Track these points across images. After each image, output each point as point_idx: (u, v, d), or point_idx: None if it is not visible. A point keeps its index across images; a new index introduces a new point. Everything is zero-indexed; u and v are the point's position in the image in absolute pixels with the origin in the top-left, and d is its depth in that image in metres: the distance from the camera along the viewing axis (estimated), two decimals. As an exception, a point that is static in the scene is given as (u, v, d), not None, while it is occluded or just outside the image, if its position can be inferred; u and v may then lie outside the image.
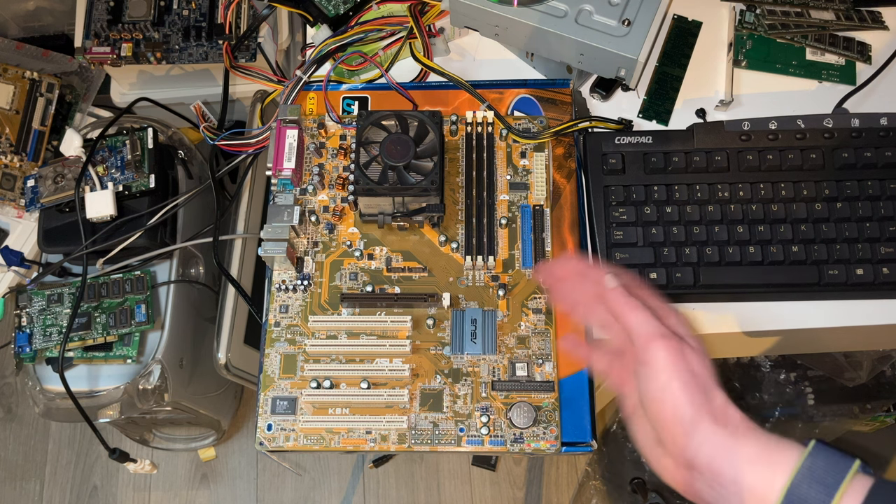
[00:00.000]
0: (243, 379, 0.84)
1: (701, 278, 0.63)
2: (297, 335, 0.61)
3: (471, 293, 0.62)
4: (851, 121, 0.66)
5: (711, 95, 0.72)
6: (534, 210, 0.64)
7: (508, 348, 0.60)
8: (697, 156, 0.66)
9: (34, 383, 0.82)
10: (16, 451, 1.33)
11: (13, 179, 0.86)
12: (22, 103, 0.87)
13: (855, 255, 0.63)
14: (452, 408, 0.58)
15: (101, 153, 0.80)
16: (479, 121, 0.67)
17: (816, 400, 1.04)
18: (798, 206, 0.64)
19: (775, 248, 0.63)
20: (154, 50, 0.85)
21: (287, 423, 0.59)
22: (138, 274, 0.79)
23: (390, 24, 0.71)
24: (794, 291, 0.64)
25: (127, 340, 0.80)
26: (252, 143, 0.70)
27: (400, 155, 0.60)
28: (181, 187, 0.84)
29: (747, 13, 0.73)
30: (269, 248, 0.60)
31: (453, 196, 0.65)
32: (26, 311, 0.78)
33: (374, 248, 0.63)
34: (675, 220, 0.64)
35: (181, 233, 0.85)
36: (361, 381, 0.58)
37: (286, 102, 0.68)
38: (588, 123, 0.68)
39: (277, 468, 1.30)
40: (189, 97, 0.84)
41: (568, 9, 0.64)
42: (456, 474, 1.29)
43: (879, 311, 0.64)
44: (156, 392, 0.82)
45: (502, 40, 0.70)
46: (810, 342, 0.74)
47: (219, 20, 0.85)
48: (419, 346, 0.60)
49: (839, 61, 0.72)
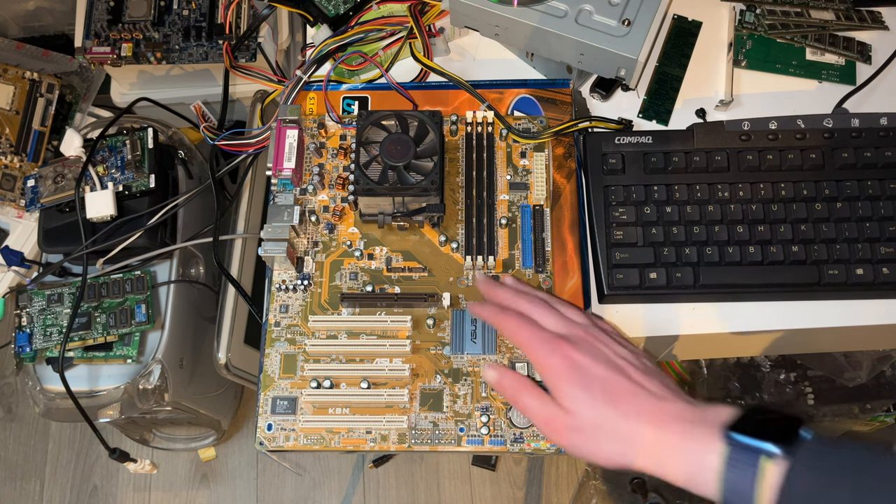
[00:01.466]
0: (243, 379, 0.84)
1: (701, 278, 0.63)
2: (297, 335, 0.61)
3: (471, 293, 0.62)
4: (851, 121, 0.66)
5: (711, 95, 0.72)
6: (534, 210, 0.64)
7: (508, 348, 0.60)
8: (697, 156, 0.66)
9: (34, 383, 0.82)
10: (16, 451, 1.33)
11: (13, 180, 0.86)
12: (22, 104, 0.87)
13: (855, 255, 0.63)
14: (452, 408, 0.58)
15: (102, 153, 0.80)
16: (479, 121, 0.67)
17: (816, 400, 1.04)
18: (798, 206, 0.64)
19: (775, 248, 0.63)
20: (154, 50, 0.85)
21: (287, 422, 0.59)
22: (138, 274, 0.79)
23: (390, 24, 0.71)
24: (794, 291, 0.64)
25: (127, 340, 0.80)
26: (252, 143, 0.70)
27: (400, 155, 0.60)
28: (181, 187, 0.84)
29: (747, 13, 0.73)
30: (269, 248, 0.60)
31: (453, 196, 0.65)
32: (26, 311, 0.78)
33: (374, 248, 0.64)
34: (675, 220, 0.64)
35: (181, 233, 0.85)
36: (361, 381, 0.59)
37: (286, 102, 0.68)
38: (588, 123, 0.68)
39: (277, 468, 1.30)
40: (189, 97, 0.84)
41: (568, 9, 0.64)
42: (456, 474, 1.30)
43: (879, 311, 0.64)
44: (156, 392, 0.82)
45: (502, 40, 0.70)
46: (810, 342, 0.74)
47: (219, 20, 0.85)
48: (419, 345, 0.60)
49: (839, 61, 0.72)
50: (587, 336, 0.51)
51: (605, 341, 0.51)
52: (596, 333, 0.51)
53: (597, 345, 0.50)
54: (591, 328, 0.52)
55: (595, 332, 0.51)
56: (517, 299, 0.54)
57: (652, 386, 0.48)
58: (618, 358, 0.49)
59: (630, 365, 0.49)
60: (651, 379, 0.49)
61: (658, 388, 0.48)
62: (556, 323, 0.52)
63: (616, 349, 0.50)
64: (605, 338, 0.51)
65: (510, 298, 0.55)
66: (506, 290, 0.56)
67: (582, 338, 0.50)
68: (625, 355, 0.50)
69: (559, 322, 0.52)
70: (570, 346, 0.49)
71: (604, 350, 0.50)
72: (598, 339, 0.51)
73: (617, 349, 0.50)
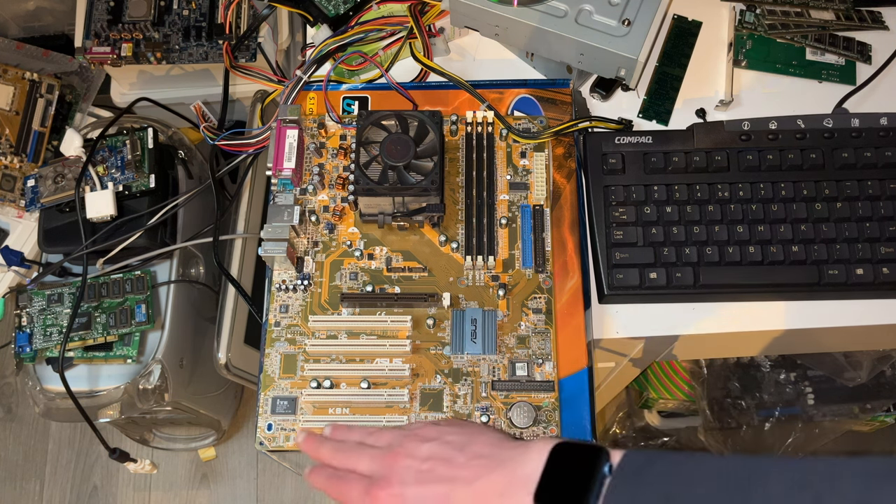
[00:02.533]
0: (243, 379, 0.84)
1: (701, 278, 0.63)
2: (297, 335, 0.61)
3: (471, 293, 0.62)
4: (851, 121, 0.66)
5: (711, 95, 0.72)
6: (534, 210, 0.64)
7: (508, 348, 0.60)
8: (697, 156, 0.66)
9: (34, 383, 0.82)
10: (16, 451, 1.33)
11: (13, 181, 0.86)
12: (22, 104, 0.87)
13: (855, 255, 0.63)
14: (452, 408, 0.58)
15: (102, 153, 0.80)
16: (479, 121, 0.67)
17: (816, 400, 1.04)
18: (798, 206, 0.64)
19: (775, 248, 0.63)
20: (154, 50, 0.85)
21: (287, 422, 0.59)
22: (138, 274, 0.79)
23: (390, 24, 0.71)
24: (794, 291, 0.64)
25: (127, 340, 0.80)
26: (252, 143, 0.70)
27: (400, 155, 0.60)
28: (181, 187, 0.84)
29: (747, 13, 0.73)
30: (269, 248, 0.60)
31: (453, 196, 0.65)
32: (26, 311, 0.78)
33: (374, 247, 0.64)
34: (675, 220, 0.64)
35: (181, 233, 0.85)
36: (361, 381, 0.59)
37: (286, 102, 0.68)
38: (588, 123, 0.68)
39: (277, 468, 1.30)
40: (189, 97, 0.84)
41: (568, 9, 0.64)
42: (456, 474, 1.29)
43: (879, 311, 0.64)
44: (156, 392, 0.82)
45: (502, 40, 0.70)
46: (810, 342, 0.74)
47: (219, 20, 0.85)
48: (419, 345, 0.60)
49: (839, 61, 0.72)
50: (392, 459, 0.50)
51: (410, 451, 0.51)
52: (399, 448, 0.51)
53: (400, 462, 0.50)
54: (394, 445, 0.52)
55: (399, 447, 0.51)
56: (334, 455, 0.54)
57: (465, 470, 0.48)
58: (425, 463, 0.50)
59: (439, 461, 0.49)
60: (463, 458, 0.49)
61: (471, 468, 0.48)
62: (367, 462, 0.52)
63: (420, 450, 0.50)
64: (409, 446, 0.51)
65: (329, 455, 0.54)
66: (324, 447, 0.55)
67: (388, 466, 0.50)
68: (431, 450, 0.50)
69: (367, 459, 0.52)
70: (378, 489, 0.49)
71: (408, 463, 0.50)
72: (402, 455, 0.50)
73: (421, 449, 0.50)
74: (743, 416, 1.05)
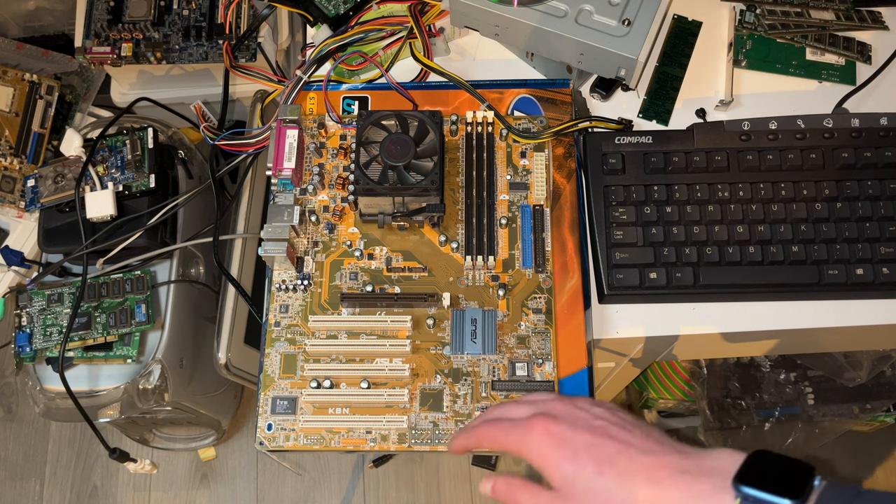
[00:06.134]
0: (243, 379, 0.84)
1: (701, 278, 0.63)
2: (297, 335, 0.61)
3: (471, 293, 0.62)
4: (851, 121, 0.66)
5: (711, 95, 0.72)
6: (534, 210, 0.64)
7: (508, 348, 0.60)
8: (697, 156, 0.66)
9: (34, 383, 0.82)
10: (16, 451, 1.33)
11: (13, 182, 0.86)
12: (21, 105, 0.87)
13: (855, 255, 0.63)
14: (452, 407, 0.58)
15: (102, 153, 0.80)
16: (479, 121, 0.67)
17: (816, 400, 1.04)
18: (798, 206, 0.64)
19: (775, 248, 0.63)
20: (154, 50, 0.85)
21: (287, 422, 0.59)
22: (138, 274, 0.79)
23: (390, 24, 0.71)
24: (794, 291, 0.64)
25: (127, 340, 0.80)
26: (252, 143, 0.70)
27: (400, 155, 0.60)
28: (181, 187, 0.84)
29: (747, 13, 0.73)
30: (269, 248, 0.60)
31: (453, 196, 0.65)
32: (26, 311, 0.78)
33: (374, 247, 0.64)
34: (675, 220, 0.64)
35: (181, 233, 0.85)
36: (361, 381, 0.59)
37: (286, 102, 0.68)
38: (588, 123, 0.68)
39: (277, 468, 1.30)
40: (189, 97, 0.84)
41: (568, 9, 0.64)
42: (456, 474, 1.29)
43: (879, 311, 0.64)
44: (156, 392, 0.82)
45: (502, 40, 0.70)
46: (810, 342, 0.74)
47: (219, 20, 0.85)
48: (419, 345, 0.60)
49: (839, 61, 0.72)
50: (560, 405, 0.49)
51: (580, 405, 0.49)
52: (567, 400, 0.50)
53: (573, 411, 0.48)
54: (560, 398, 0.50)
55: (566, 400, 0.50)
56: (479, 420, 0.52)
57: (639, 441, 0.46)
58: (597, 420, 0.47)
59: (611, 424, 0.47)
60: (635, 434, 0.47)
61: (644, 441, 0.46)
62: (525, 409, 0.50)
63: (592, 410, 0.48)
64: (578, 401, 0.49)
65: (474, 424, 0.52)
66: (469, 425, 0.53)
67: (555, 408, 0.48)
68: (603, 415, 0.48)
69: (527, 406, 0.50)
70: (545, 420, 0.47)
71: (581, 415, 0.48)
72: (572, 405, 0.49)
73: (593, 410, 0.48)
74: (743, 416, 1.05)
